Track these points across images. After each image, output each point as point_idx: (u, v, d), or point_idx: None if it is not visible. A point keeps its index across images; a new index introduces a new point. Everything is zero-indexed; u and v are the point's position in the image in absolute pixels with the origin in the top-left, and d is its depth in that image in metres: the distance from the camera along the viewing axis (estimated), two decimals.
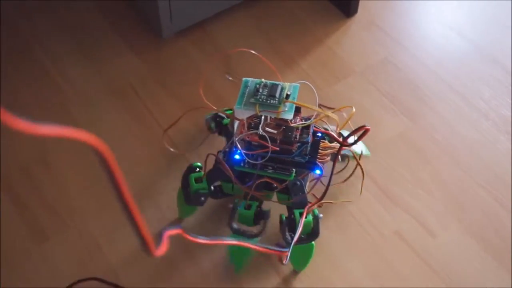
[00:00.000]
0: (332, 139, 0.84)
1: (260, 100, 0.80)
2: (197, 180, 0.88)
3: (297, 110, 0.84)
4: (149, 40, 1.25)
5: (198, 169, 0.90)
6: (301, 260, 0.90)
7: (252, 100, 0.80)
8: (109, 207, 0.98)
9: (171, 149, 1.02)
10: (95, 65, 1.21)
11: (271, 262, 0.93)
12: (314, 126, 0.86)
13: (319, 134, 0.86)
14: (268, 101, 0.80)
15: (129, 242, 0.94)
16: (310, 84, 0.86)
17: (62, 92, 1.16)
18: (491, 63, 1.24)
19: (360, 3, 1.31)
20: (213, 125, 0.98)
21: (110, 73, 1.19)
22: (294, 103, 0.80)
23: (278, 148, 0.81)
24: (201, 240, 0.49)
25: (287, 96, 0.80)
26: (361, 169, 0.94)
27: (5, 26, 1.27)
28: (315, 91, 0.86)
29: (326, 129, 0.89)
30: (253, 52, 0.89)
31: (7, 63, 1.20)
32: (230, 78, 0.85)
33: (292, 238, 0.81)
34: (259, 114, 0.80)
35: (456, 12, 1.35)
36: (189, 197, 0.89)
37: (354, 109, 0.83)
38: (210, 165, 0.89)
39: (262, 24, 1.30)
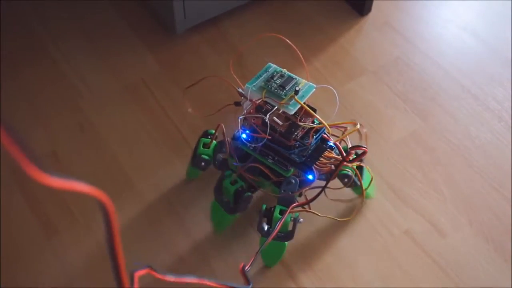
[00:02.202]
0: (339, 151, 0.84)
1: (269, 87, 0.81)
2: (205, 145, 0.92)
3: (312, 110, 0.84)
4: (162, 36, 1.26)
5: (210, 136, 0.93)
6: (273, 256, 0.91)
7: (262, 84, 0.82)
8: (118, 202, 0.98)
9: (189, 110, 1.03)
10: (107, 60, 1.21)
11: (280, 263, 0.93)
12: (324, 133, 0.85)
13: (330, 144, 0.85)
14: (276, 91, 0.80)
15: (135, 236, 0.95)
16: (333, 90, 0.86)
17: (74, 87, 1.16)
18: (505, 63, 1.23)
19: (374, 2, 1.31)
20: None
21: (123, 68, 1.20)
22: (297, 100, 0.79)
23: (270, 137, 0.81)
24: (170, 278, 0.51)
25: (296, 92, 0.80)
26: (362, 200, 0.95)
27: (19, 22, 1.28)
28: (337, 97, 0.86)
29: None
30: (287, 41, 0.90)
31: (19, 59, 1.21)
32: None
33: (268, 230, 0.83)
34: (264, 99, 0.81)
35: (470, 12, 1.35)
36: (193, 158, 0.93)
37: (359, 125, 0.82)
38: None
39: (275, 22, 1.30)
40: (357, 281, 0.92)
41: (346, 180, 0.91)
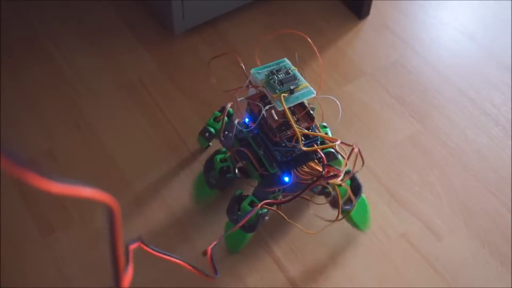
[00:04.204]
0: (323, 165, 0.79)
1: (270, 78, 0.81)
2: (216, 119, 0.97)
3: (311, 117, 0.83)
4: (161, 36, 1.26)
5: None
6: (235, 244, 0.93)
7: (265, 73, 0.82)
8: None
9: (213, 81, 1.04)
10: (105, 59, 1.21)
11: (277, 264, 0.93)
12: (316, 143, 0.82)
13: (319, 154, 0.81)
14: (274, 84, 0.81)
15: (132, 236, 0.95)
16: (337, 101, 0.85)
17: (72, 86, 1.16)
18: (502, 68, 1.23)
19: (373, 5, 1.31)
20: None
21: (120, 67, 1.20)
22: (281, 100, 0.77)
23: (258, 126, 0.82)
24: (157, 253, 0.52)
25: (291, 91, 0.80)
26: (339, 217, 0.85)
27: (17, 18, 1.28)
28: (340, 108, 0.86)
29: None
30: (308, 39, 0.90)
31: (19, 58, 1.21)
32: (297, 59, 0.87)
33: (236, 218, 0.84)
34: (261, 87, 0.81)
35: (468, 16, 1.35)
36: (203, 128, 0.98)
37: (339, 141, 0.79)
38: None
39: (274, 24, 1.30)
40: (352, 283, 0.92)
41: (328, 198, 0.87)
